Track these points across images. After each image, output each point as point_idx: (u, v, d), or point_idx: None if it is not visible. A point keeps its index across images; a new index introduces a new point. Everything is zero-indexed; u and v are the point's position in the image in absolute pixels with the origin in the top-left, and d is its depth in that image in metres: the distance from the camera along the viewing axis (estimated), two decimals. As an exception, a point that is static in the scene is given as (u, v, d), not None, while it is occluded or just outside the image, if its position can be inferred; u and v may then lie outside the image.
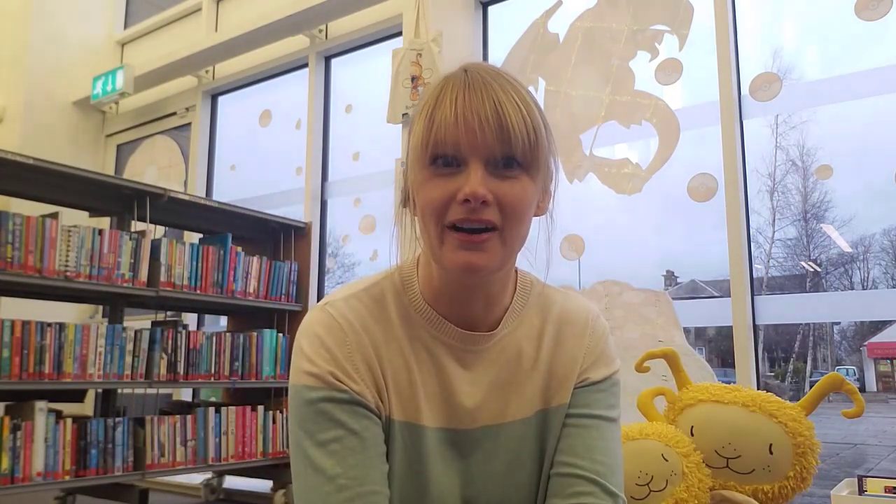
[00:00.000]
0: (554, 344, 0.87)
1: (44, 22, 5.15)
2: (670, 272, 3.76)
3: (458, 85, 0.76)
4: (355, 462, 0.75)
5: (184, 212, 3.33)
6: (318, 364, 0.77)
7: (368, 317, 0.82)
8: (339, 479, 0.73)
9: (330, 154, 4.23)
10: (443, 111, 0.75)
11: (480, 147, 0.74)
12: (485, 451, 0.84)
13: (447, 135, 0.74)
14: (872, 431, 6.93)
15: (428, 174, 0.76)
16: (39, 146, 4.66)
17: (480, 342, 0.84)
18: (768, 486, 1.34)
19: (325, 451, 0.75)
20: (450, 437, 0.83)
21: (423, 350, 0.83)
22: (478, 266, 0.75)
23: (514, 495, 0.84)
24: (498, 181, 0.75)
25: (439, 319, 0.83)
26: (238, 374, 3.18)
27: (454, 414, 0.83)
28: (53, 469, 2.55)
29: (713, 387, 1.47)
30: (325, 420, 0.76)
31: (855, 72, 2.59)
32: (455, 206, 0.74)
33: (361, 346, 0.80)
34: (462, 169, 0.75)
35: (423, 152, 0.76)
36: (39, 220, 2.58)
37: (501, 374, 0.85)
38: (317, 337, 0.79)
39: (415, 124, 0.79)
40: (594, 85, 3.06)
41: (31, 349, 2.52)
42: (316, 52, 4.25)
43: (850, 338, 6.84)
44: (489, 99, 0.74)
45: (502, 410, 0.84)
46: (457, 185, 0.74)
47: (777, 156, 3.13)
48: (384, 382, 0.80)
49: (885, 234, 3.47)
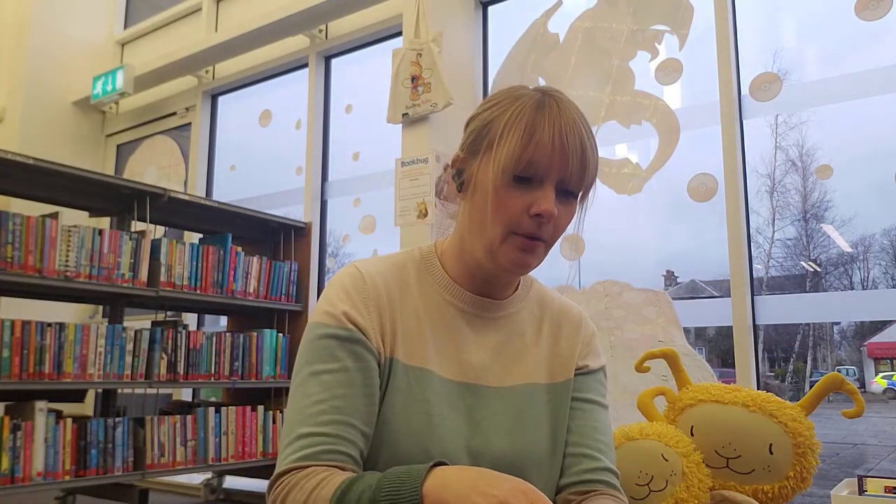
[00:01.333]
0: (553, 332, 0.99)
1: (44, 22, 5.15)
2: (670, 272, 3.77)
3: (554, 113, 0.84)
4: (341, 393, 0.81)
5: (184, 212, 3.33)
6: (336, 304, 0.86)
7: (389, 276, 0.91)
8: (321, 404, 0.80)
9: (330, 154, 4.23)
10: (545, 134, 0.83)
11: (564, 175, 0.84)
12: (492, 408, 0.90)
13: (543, 158, 0.83)
14: (872, 431, 6.93)
15: (506, 182, 0.84)
16: (39, 146, 4.66)
17: (490, 309, 0.94)
18: (768, 486, 1.34)
19: (317, 379, 0.82)
20: (458, 389, 0.90)
21: (435, 310, 0.92)
22: (529, 266, 0.88)
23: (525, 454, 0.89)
24: (560, 204, 0.86)
25: (454, 285, 0.93)
26: (238, 374, 3.18)
27: (462, 369, 0.90)
28: (53, 469, 2.55)
29: (713, 387, 1.47)
30: (325, 354, 0.83)
31: (855, 72, 2.59)
32: (526, 220, 0.84)
33: (377, 295, 0.88)
34: (536, 186, 0.84)
35: (515, 165, 0.83)
36: (39, 220, 2.58)
37: (507, 343, 0.94)
38: (340, 284, 0.89)
39: (507, 133, 0.84)
40: (594, 85, 3.06)
41: (31, 349, 2.52)
42: (316, 52, 4.25)
43: (850, 338, 6.85)
44: (578, 135, 0.84)
45: (508, 373, 0.93)
46: (531, 199, 0.84)
47: (777, 156, 3.13)
48: (394, 329, 0.88)
49: (885, 234, 3.48)
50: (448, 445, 0.85)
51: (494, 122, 0.86)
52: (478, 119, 0.90)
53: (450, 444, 0.85)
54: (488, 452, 0.87)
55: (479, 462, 0.86)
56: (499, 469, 0.84)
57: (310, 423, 0.79)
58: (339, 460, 0.78)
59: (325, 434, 0.78)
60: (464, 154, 0.91)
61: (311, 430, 0.78)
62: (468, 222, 0.90)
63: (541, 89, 0.89)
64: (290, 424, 0.81)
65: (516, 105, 0.85)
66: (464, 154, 0.91)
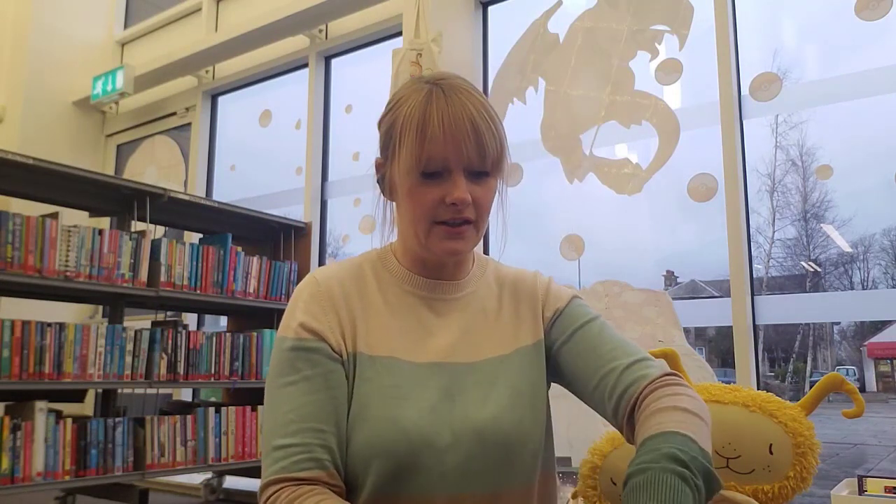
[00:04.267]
0: (512, 301, 1.01)
1: (44, 22, 5.15)
2: (670, 272, 3.77)
3: (441, 106, 0.88)
4: (305, 401, 0.86)
5: (184, 212, 3.33)
6: (294, 316, 0.91)
7: (345, 276, 0.96)
8: (289, 414, 0.86)
9: (330, 154, 4.23)
10: (432, 130, 0.87)
11: (464, 160, 0.88)
12: (467, 383, 0.92)
13: (436, 152, 0.87)
14: (872, 431, 6.94)
15: (417, 181, 0.89)
16: (39, 146, 4.65)
17: (449, 291, 0.98)
18: (768, 486, 1.34)
19: (283, 392, 0.88)
20: (429, 370, 0.92)
21: (396, 301, 0.96)
22: (459, 251, 0.92)
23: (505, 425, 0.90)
24: (474, 185, 0.90)
25: (409, 274, 0.98)
26: (238, 374, 3.18)
27: (430, 351, 0.93)
28: (53, 469, 2.55)
29: (713, 387, 1.47)
30: (287, 367, 0.88)
31: (855, 72, 2.59)
32: (443, 208, 0.89)
33: (331, 296, 0.93)
34: (445, 177, 0.89)
35: (417, 164, 0.88)
36: (39, 220, 2.58)
37: (471, 322, 0.97)
38: (298, 295, 0.94)
39: (403, 134, 0.90)
40: (594, 85, 3.06)
41: (31, 349, 2.52)
42: (316, 52, 4.25)
43: (850, 338, 6.85)
44: (468, 119, 0.88)
45: (477, 349, 0.95)
46: (444, 191, 0.88)
47: (777, 156, 3.13)
48: (353, 325, 0.92)
49: (885, 234, 3.48)
50: (424, 424, 0.86)
51: (395, 125, 0.91)
52: (384, 122, 0.95)
53: (426, 422, 0.87)
54: (468, 425, 0.88)
55: (460, 436, 0.87)
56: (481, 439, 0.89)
57: (281, 433, 0.85)
58: (313, 466, 0.85)
59: (295, 444, 0.85)
60: (382, 158, 0.96)
61: (283, 443, 0.85)
62: (400, 221, 0.96)
63: (432, 79, 0.92)
64: (266, 437, 0.87)
65: (409, 104, 0.90)
66: (382, 158, 0.96)
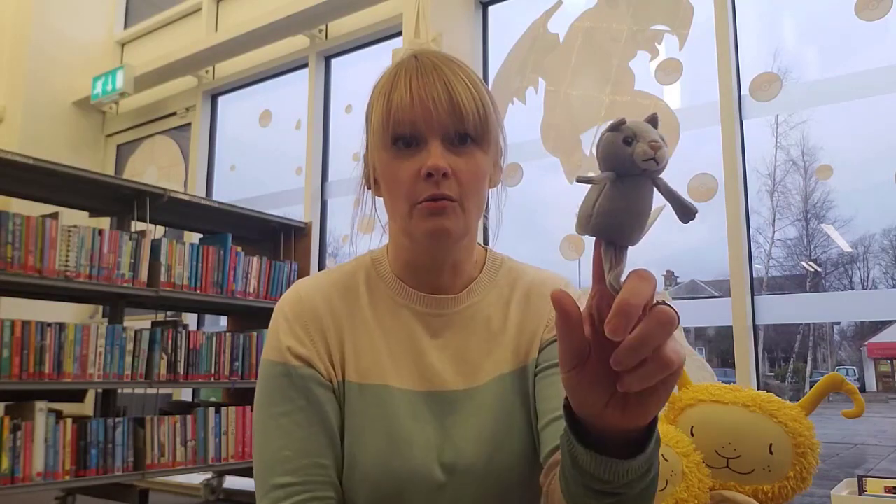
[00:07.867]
0: (521, 307, 0.90)
1: (44, 22, 5.15)
2: (670, 272, 3.76)
3: (411, 69, 0.82)
4: (301, 435, 0.80)
5: (184, 212, 3.33)
6: (280, 337, 0.84)
7: (333, 291, 0.88)
8: (285, 450, 0.80)
9: (330, 154, 4.23)
10: (399, 93, 0.80)
11: (436, 124, 0.80)
12: (462, 413, 0.84)
13: (404, 115, 0.80)
14: (872, 431, 6.93)
15: (391, 155, 0.82)
16: (39, 146, 4.65)
17: (447, 305, 0.88)
18: (768, 486, 1.34)
19: (275, 423, 0.81)
20: (422, 399, 0.84)
21: (389, 317, 0.87)
22: (447, 230, 0.80)
23: (501, 460, 0.83)
24: (454, 156, 0.81)
25: (406, 288, 0.88)
26: (238, 375, 3.18)
27: (424, 377, 0.85)
28: (53, 469, 2.55)
29: (713, 387, 1.47)
30: (278, 395, 0.82)
31: (855, 72, 2.59)
32: (421, 184, 0.80)
33: (317, 317, 0.85)
34: (422, 147, 0.80)
35: (385, 134, 0.81)
36: (39, 220, 2.58)
37: (470, 341, 0.87)
38: (281, 311, 0.86)
39: (373, 109, 0.85)
40: (594, 85, 3.06)
41: (31, 349, 2.52)
42: (316, 52, 4.25)
43: (850, 338, 6.84)
44: (440, 80, 0.80)
45: (476, 371, 0.86)
46: (420, 162, 0.80)
47: (777, 156, 3.13)
48: (342, 349, 0.85)
49: (885, 234, 3.48)
50: (416, 463, 0.80)
51: (368, 103, 0.87)
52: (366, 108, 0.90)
53: (418, 461, 0.81)
54: (461, 463, 0.81)
55: (453, 475, 0.81)
56: (473, 479, 0.81)
57: (279, 471, 0.79)
58: None
59: (295, 483, 0.79)
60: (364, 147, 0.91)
61: (282, 482, 0.79)
62: (386, 213, 0.89)
63: (412, 52, 0.86)
64: (259, 471, 0.81)
65: (382, 80, 0.85)
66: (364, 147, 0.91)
